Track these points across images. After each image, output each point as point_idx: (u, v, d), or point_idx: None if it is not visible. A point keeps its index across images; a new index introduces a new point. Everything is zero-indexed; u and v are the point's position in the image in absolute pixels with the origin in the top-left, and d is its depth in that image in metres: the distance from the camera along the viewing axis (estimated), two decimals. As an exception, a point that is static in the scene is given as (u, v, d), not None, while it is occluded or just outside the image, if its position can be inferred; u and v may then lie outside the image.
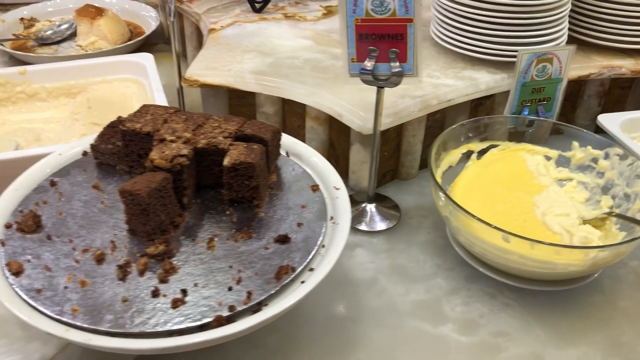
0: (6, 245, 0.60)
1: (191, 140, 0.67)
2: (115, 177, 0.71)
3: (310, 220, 0.65)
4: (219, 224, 0.65)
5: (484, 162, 0.86)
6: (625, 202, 0.79)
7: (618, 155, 0.82)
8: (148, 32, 1.35)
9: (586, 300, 0.74)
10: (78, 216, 0.65)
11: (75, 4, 1.43)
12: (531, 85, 0.90)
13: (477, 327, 0.71)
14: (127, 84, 1.12)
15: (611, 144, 0.83)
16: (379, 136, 0.80)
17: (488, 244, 0.70)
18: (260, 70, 0.95)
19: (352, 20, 0.73)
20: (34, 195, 0.68)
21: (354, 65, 0.75)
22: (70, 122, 1.05)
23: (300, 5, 1.20)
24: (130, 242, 0.61)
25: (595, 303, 0.74)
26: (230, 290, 0.56)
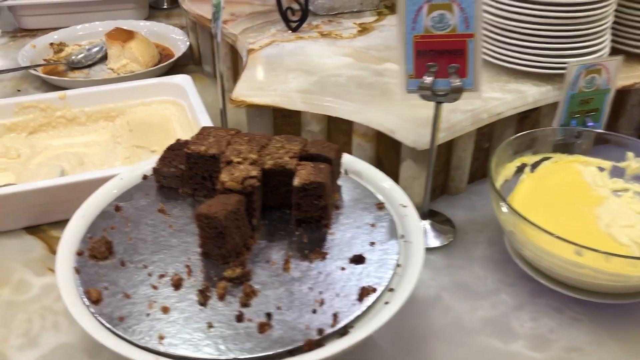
0: (81, 273, 0.60)
1: (258, 161, 0.67)
2: (179, 200, 0.71)
3: (382, 239, 0.65)
4: (290, 245, 0.64)
5: (539, 175, 0.86)
6: (688, 212, 0.78)
7: (676, 165, 0.81)
8: (178, 54, 1.35)
9: (656, 312, 0.74)
10: (148, 241, 0.64)
11: (105, 27, 1.44)
12: (579, 96, 0.90)
13: (548, 343, 0.70)
14: (166, 106, 1.13)
15: (668, 153, 0.83)
16: (435, 151, 0.80)
17: (558, 258, 0.69)
18: (305, 88, 0.95)
19: (410, 37, 0.73)
20: (100, 221, 0.67)
21: (412, 81, 0.75)
22: (112, 145, 1.05)
23: (334, 23, 1.20)
24: (206, 266, 0.61)
25: (666, 315, 0.73)
26: (314, 312, 0.56)
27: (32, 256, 0.83)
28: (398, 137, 0.85)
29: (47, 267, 0.81)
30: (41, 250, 0.84)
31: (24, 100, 1.06)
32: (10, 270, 0.80)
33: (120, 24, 1.44)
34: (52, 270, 0.80)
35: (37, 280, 0.79)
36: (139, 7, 1.63)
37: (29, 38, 1.53)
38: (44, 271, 0.80)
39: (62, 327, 0.72)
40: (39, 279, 0.79)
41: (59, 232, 0.86)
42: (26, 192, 0.82)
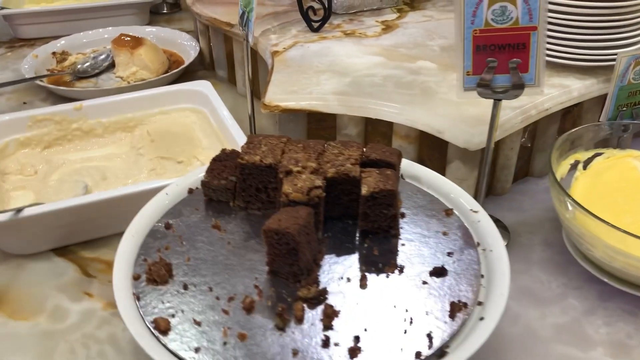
0: (142, 300, 0.54)
1: (319, 169, 0.62)
2: (232, 214, 0.66)
3: (458, 248, 0.61)
4: (361, 258, 0.60)
5: (593, 172, 0.82)
6: None
7: None
8: (188, 60, 1.30)
9: None
10: (208, 261, 0.59)
11: (109, 34, 1.39)
12: (628, 88, 0.87)
13: (629, 349, 0.67)
14: (186, 114, 1.08)
15: None
16: (492, 151, 0.76)
17: (635, 258, 0.66)
18: (341, 90, 0.90)
19: (469, 31, 0.69)
20: (152, 241, 0.62)
21: (470, 78, 0.71)
22: (134, 157, 0.99)
23: (356, 22, 1.16)
24: (276, 286, 0.56)
25: None
26: (405, 333, 0.51)
27: (65, 280, 0.77)
28: (447, 138, 0.81)
29: (83, 291, 0.75)
30: (73, 273, 0.78)
31: (37, 114, 1.00)
32: (44, 297, 0.74)
33: (125, 30, 1.39)
34: (90, 295, 0.75)
35: (74, 306, 0.73)
36: (140, 13, 1.57)
37: (27, 48, 1.46)
38: (80, 296, 0.75)
39: (109, 356, 0.66)
40: (76, 304, 0.73)
41: (90, 253, 0.81)
42: (55, 212, 0.76)
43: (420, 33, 1.10)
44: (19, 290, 0.75)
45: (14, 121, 0.99)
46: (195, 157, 0.97)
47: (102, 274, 0.78)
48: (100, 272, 0.78)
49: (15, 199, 0.90)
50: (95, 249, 0.82)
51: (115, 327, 0.70)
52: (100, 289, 0.76)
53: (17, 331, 0.70)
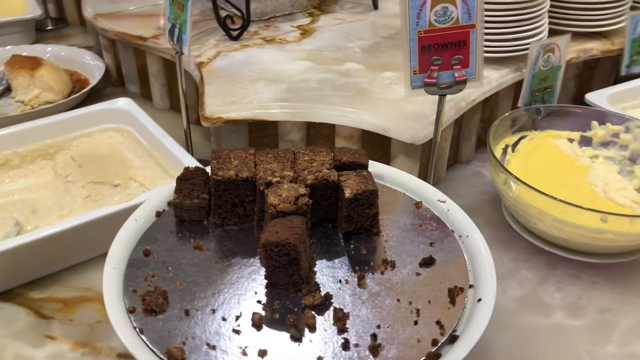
0: (146, 332, 0.52)
1: (297, 178, 0.63)
2: (209, 232, 0.64)
3: (438, 237, 0.64)
4: (351, 259, 0.61)
5: (522, 154, 0.90)
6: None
7: (639, 127, 0.89)
8: (94, 77, 1.24)
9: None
10: (201, 283, 0.58)
11: (3, 54, 1.28)
12: (539, 75, 0.96)
13: (582, 309, 0.74)
14: (110, 134, 1.03)
15: (629, 118, 0.91)
16: (438, 143, 0.81)
17: (582, 228, 0.73)
18: (281, 97, 0.91)
19: (415, 33, 0.73)
20: (134, 270, 0.59)
21: (416, 77, 0.75)
22: (62, 185, 0.93)
23: (272, 28, 1.17)
24: (278, 298, 0.56)
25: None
26: (416, 324, 0.54)
27: (18, 326, 0.71)
28: (393, 135, 0.84)
29: (44, 335, 0.70)
30: (26, 317, 0.72)
31: (-56, 148, 0.91)
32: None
33: (15, 50, 1.29)
34: (52, 337, 0.70)
35: (37, 353, 0.68)
36: (25, 31, 1.46)
37: None
38: (41, 340, 0.69)
39: (93, 399, 0.62)
40: (39, 350, 0.68)
41: (39, 293, 0.76)
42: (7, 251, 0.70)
43: (338, 36, 1.13)
44: (-33, 344, 0.68)
45: None
46: (131, 179, 0.93)
47: (61, 313, 0.73)
48: (58, 312, 0.73)
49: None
50: (44, 288, 0.76)
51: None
52: (63, 330, 0.70)
53: (-22, 390, 0.64)
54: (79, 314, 0.73)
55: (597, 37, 1.12)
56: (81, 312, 0.73)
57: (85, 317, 0.72)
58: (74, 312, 0.73)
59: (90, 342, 0.69)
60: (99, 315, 0.73)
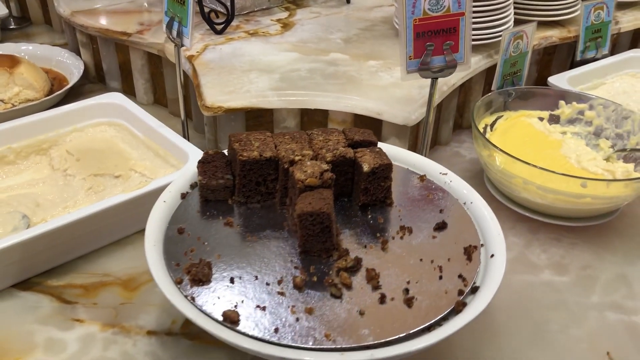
0: (198, 300, 0.56)
1: (317, 156, 0.68)
2: (235, 210, 0.69)
3: (445, 205, 0.71)
4: (371, 227, 0.67)
5: (500, 132, 0.98)
6: (619, 141, 0.96)
7: (602, 105, 0.99)
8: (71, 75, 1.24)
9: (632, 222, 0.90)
10: (238, 254, 0.62)
11: (-24, 54, 1.26)
12: (510, 60, 1.04)
13: (566, 266, 0.82)
14: (102, 128, 1.04)
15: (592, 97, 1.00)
16: (431, 125, 0.87)
17: (564, 193, 0.81)
18: (276, 86, 0.95)
19: (410, 21, 0.79)
20: (173, 246, 0.63)
21: (411, 62, 0.82)
22: (61, 179, 0.95)
23: (253, 22, 1.21)
24: (313, 263, 0.61)
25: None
26: (441, 279, 0.60)
27: (43, 312, 0.73)
28: (386, 118, 0.91)
29: (71, 319, 0.72)
30: (50, 303, 0.74)
31: (-60, 146, 0.90)
32: (28, 333, 0.70)
33: (-11, 49, 1.28)
34: (80, 320, 0.72)
35: (68, 335, 0.70)
36: (-9, 30, 1.44)
37: None
38: (69, 324, 0.71)
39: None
40: (69, 333, 0.70)
41: (57, 281, 0.77)
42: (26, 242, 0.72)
43: (317, 28, 1.19)
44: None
45: None
46: (131, 170, 0.95)
47: (83, 298, 0.75)
48: (80, 297, 0.75)
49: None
50: (61, 276, 0.78)
51: (124, 345, 0.69)
52: (89, 313, 0.73)
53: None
54: (102, 298, 0.75)
55: (555, 25, 1.22)
56: (103, 296, 0.75)
57: (108, 300, 0.75)
58: (96, 296, 0.75)
59: (118, 322, 0.72)
60: (122, 297, 0.75)
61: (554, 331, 0.73)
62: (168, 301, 0.56)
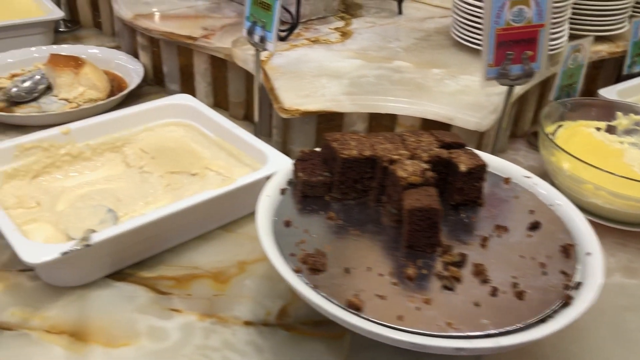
0: (321, 288, 0.59)
1: (414, 156, 0.71)
2: (333, 206, 0.72)
3: (534, 206, 0.74)
4: (467, 226, 0.70)
5: (562, 141, 1.01)
6: (678, 152, 1.00)
7: (659, 117, 1.03)
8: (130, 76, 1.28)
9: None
10: (347, 247, 0.65)
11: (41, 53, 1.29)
12: (568, 72, 1.08)
13: (635, 270, 0.85)
14: (171, 128, 1.07)
15: (649, 109, 1.04)
16: (504, 131, 0.91)
17: (634, 199, 0.84)
18: (347, 91, 0.99)
19: (493, 30, 0.82)
20: (283, 238, 0.66)
21: (491, 69, 0.85)
22: (138, 176, 0.97)
23: (312, 30, 1.25)
24: (420, 257, 0.64)
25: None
26: (545, 274, 0.63)
27: (141, 302, 0.75)
28: (458, 124, 0.94)
29: (168, 309, 0.75)
30: (145, 293, 0.77)
31: (25, 141, 0.93)
32: (131, 321, 0.72)
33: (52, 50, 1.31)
34: (178, 310, 0.74)
35: (169, 324, 0.72)
36: (46, 32, 1.47)
37: None
38: (167, 313, 0.74)
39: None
40: (169, 322, 0.73)
41: (149, 272, 0.80)
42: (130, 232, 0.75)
43: (376, 37, 1.22)
44: (99, 320, 0.72)
45: (1, 152, 0.91)
46: (206, 168, 0.98)
47: (177, 289, 0.77)
48: (174, 288, 0.78)
49: (33, 233, 0.84)
50: (152, 268, 0.81)
51: (224, 334, 0.71)
52: (184, 303, 0.75)
53: (125, 357, 0.68)
54: (195, 289, 0.78)
55: (604, 40, 1.26)
56: (196, 288, 0.78)
57: (201, 291, 0.77)
58: (189, 287, 0.78)
59: (215, 313, 0.74)
60: (214, 289, 0.78)
61: (632, 330, 0.75)
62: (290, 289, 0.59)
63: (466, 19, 1.13)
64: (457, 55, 1.15)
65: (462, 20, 1.14)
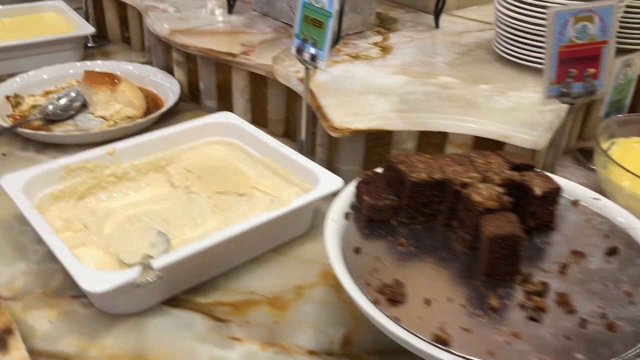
0: (404, 321, 0.56)
1: (486, 179, 0.69)
2: (401, 231, 0.69)
3: (608, 230, 0.71)
4: (542, 251, 0.67)
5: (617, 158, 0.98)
6: None
7: None
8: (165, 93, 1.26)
9: None
10: (423, 275, 0.62)
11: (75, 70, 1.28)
12: (618, 88, 1.05)
13: None
14: (215, 147, 1.05)
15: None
16: (561, 150, 0.88)
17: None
18: (397, 108, 0.97)
19: (556, 48, 0.80)
20: (356, 266, 0.63)
21: (552, 87, 0.83)
22: (184, 196, 0.95)
23: (351, 45, 1.23)
24: (499, 286, 0.61)
25: None
26: (633, 304, 0.60)
27: (199, 330, 0.73)
28: (514, 142, 0.91)
29: (228, 337, 0.72)
30: (203, 321, 0.74)
31: (71, 162, 0.91)
32: (190, 350, 0.70)
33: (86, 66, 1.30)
34: (238, 339, 0.72)
35: (230, 354, 0.70)
36: (76, 48, 1.46)
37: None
38: (228, 342, 0.72)
39: (305, 393, 0.66)
40: (230, 351, 0.70)
41: (205, 298, 0.78)
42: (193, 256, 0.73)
43: (416, 52, 1.20)
44: (158, 349, 0.70)
45: (47, 174, 0.89)
46: (254, 188, 0.96)
47: (235, 316, 0.75)
48: (231, 315, 0.75)
49: (83, 257, 0.81)
50: (207, 293, 0.78)
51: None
52: (244, 331, 0.73)
53: (190, 389, 0.65)
54: (253, 316, 0.75)
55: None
56: (254, 314, 0.75)
57: (260, 318, 0.75)
58: (247, 314, 0.76)
59: (276, 341, 0.72)
60: (273, 316, 0.75)
61: None
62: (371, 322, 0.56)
63: (511, 33, 1.11)
64: (502, 70, 1.12)
65: (506, 35, 1.11)
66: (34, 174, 0.87)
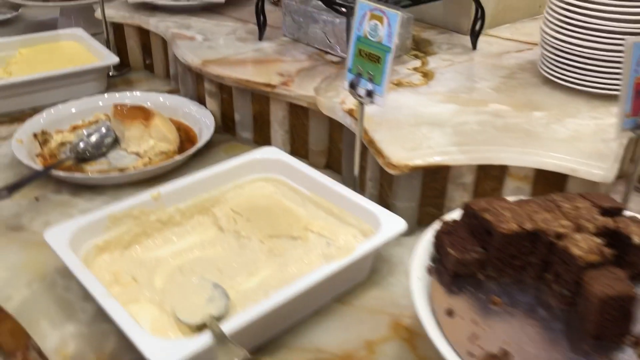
0: (517, 396, 0.52)
1: (580, 227, 0.64)
2: (491, 287, 0.64)
3: None
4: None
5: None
6: None
7: None
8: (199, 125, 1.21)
9: None
10: (527, 341, 0.58)
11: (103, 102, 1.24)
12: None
13: None
14: (260, 185, 1.01)
15: None
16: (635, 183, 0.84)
17: None
18: (455, 141, 0.92)
19: (632, 79, 0.76)
20: (452, 332, 0.58)
21: (628, 120, 0.78)
22: (234, 241, 0.90)
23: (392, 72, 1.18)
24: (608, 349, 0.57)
25: None
26: None
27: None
28: (583, 175, 0.87)
29: (306, 403, 0.67)
30: (279, 383, 0.70)
31: (116, 211, 0.87)
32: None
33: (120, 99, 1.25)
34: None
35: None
36: (100, 78, 1.41)
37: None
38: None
39: None
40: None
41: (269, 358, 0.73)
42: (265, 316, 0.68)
43: (459, 77, 1.16)
44: (232, 420, 0.65)
45: (93, 224, 0.84)
46: (306, 230, 0.91)
47: (308, 378, 0.70)
48: (304, 377, 0.71)
49: (137, 315, 0.76)
50: (273, 353, 0.74)
51: None
52: (320, 396, 0.68)
53: None
54: (326, 378, 0.71)
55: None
56: (327, 375, 0.71)
57: (334, 380, 0.70)
58: (320, 375, 0.71)
59: (358, 407, 0.67)
60: (349, 378, 0.71)
61: None
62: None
63: (558, 55, 1.06)
64: (552, 95, 1.08)
65: (555, 57, 1.07)
66: (79, 227, 0.83)
